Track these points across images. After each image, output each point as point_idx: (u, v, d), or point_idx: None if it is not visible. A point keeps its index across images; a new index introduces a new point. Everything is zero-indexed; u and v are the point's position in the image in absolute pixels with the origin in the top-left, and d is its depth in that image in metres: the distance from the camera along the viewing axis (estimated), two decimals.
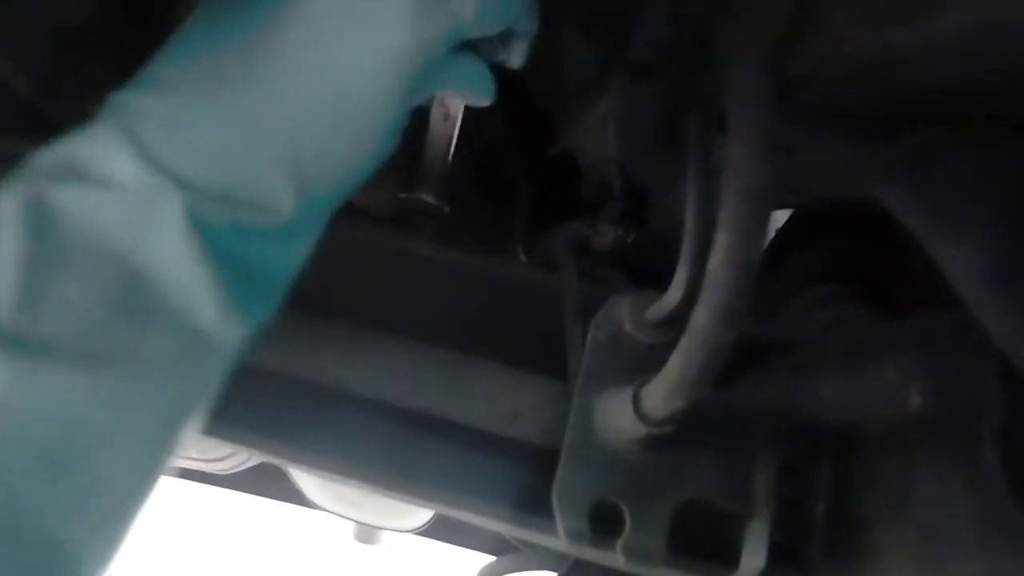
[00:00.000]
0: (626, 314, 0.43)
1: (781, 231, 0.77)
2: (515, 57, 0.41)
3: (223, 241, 0.32)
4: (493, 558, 0.67)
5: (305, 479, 1.13)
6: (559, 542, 0.41)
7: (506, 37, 0.40)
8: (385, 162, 0.36)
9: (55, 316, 0.28)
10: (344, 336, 0.48)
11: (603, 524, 0.39)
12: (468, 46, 0.38)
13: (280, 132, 0.33)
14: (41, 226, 0.29)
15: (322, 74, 0.33)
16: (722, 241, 0.29)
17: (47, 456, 0.28)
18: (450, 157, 0.59)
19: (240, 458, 1.16)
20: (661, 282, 0.41)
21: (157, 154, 0.31)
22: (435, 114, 0.58)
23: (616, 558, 0.39)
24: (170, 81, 0.32)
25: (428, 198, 0.61)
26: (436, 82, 0.37)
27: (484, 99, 0.41)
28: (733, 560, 0.38)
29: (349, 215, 0.39)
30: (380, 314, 0.48)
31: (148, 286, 0.30)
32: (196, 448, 1.09)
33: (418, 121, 0.47)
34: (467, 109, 0.58)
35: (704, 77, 0.39)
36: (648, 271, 0.55)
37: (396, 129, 0.36)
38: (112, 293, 0.30)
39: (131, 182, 0.30)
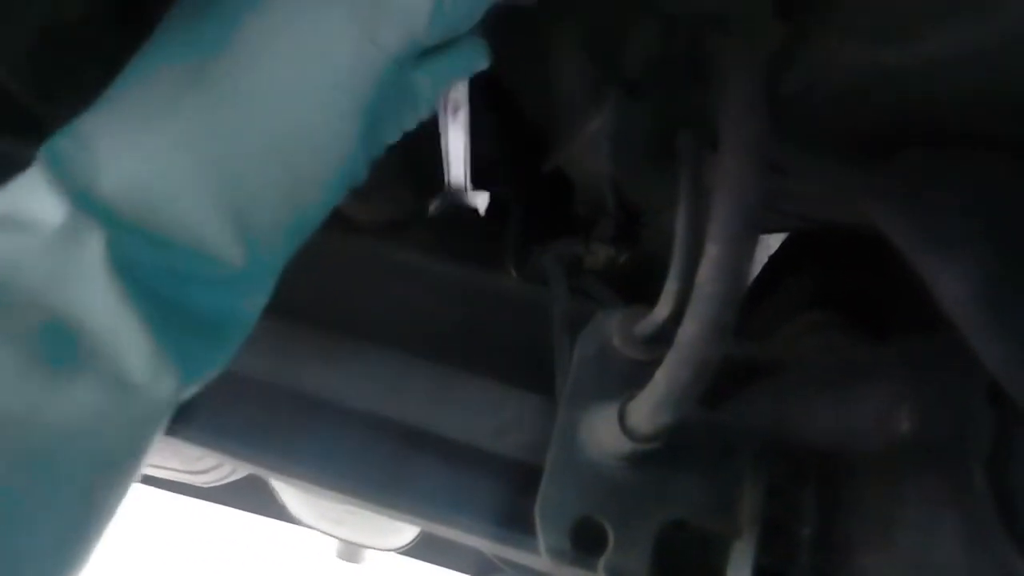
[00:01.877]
0: (614, 329, 0.42)
1: (773, 257, 0.77)
2: None
3: (156, 284, 0.29)
4: None
5: (289, 494, 1.12)
6: (541, 560, 0.40)
7: None
8: (389, 174, 0.33)
9: None
10: (328, 346, 0.47)
11: (586, 542, 0.38)
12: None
13: (221, 166, 0.29)
14: None
15: (267, 101, 0.30)
16: (712, 254, 0.29)
17: None
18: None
19: (224, 471, 1.14)
20: (652, 303, 0.41)
21: (82, 187, 0.28)
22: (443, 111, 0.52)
23: None
24: (114, 105, 0.30)
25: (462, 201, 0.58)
26: (421, 86, 0.33)
27: (481, 65, 0.36)
28: None
29: (335, 225, 0.38)
30: (365, 324, 0.48)
31: (70, 335, 0.27)
32: (179, 459, 1.08)
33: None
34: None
35: (697, 94, 0.39)
36: (639, 292, 0.54)
37: (362, 158, 0.33)
38: (31, 344, 0.26)
39: (50, 220, 0.27)
